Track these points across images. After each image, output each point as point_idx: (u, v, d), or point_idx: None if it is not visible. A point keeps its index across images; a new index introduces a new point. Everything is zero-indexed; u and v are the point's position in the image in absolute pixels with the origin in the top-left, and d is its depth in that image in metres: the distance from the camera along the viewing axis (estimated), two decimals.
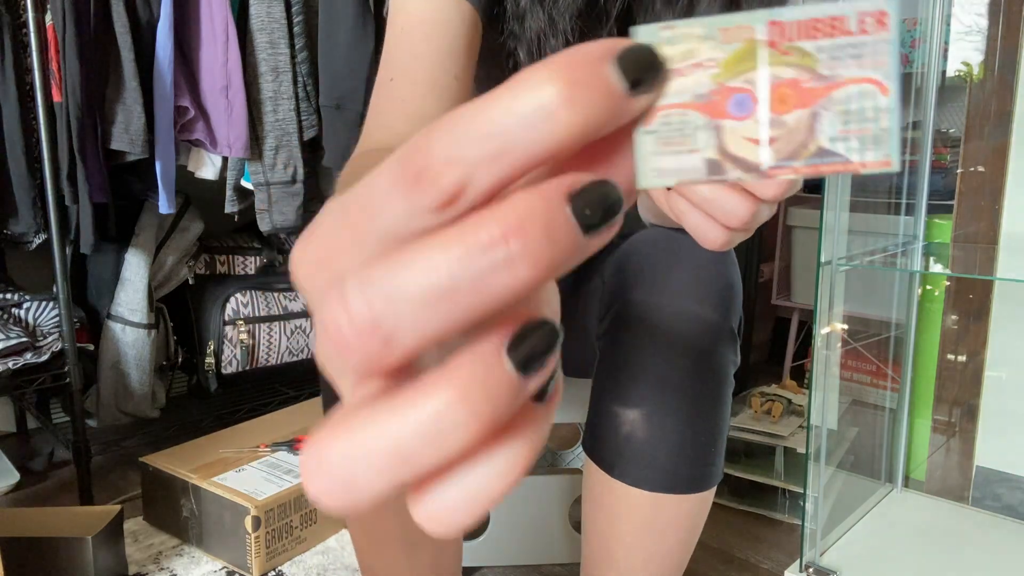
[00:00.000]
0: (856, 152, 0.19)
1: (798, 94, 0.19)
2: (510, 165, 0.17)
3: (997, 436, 1.30)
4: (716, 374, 0.63)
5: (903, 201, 1.31)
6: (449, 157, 0.17)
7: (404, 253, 0.17)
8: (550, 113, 0.17)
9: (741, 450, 1.48)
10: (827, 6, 0.19)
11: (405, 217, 0.18)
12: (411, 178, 0.17)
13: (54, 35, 1.29)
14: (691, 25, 0.19)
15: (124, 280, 1.58)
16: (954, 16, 1.33)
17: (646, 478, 0.64)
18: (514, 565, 1.23)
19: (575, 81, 0.17)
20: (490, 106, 0.17)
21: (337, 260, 0.19)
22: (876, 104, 0.19)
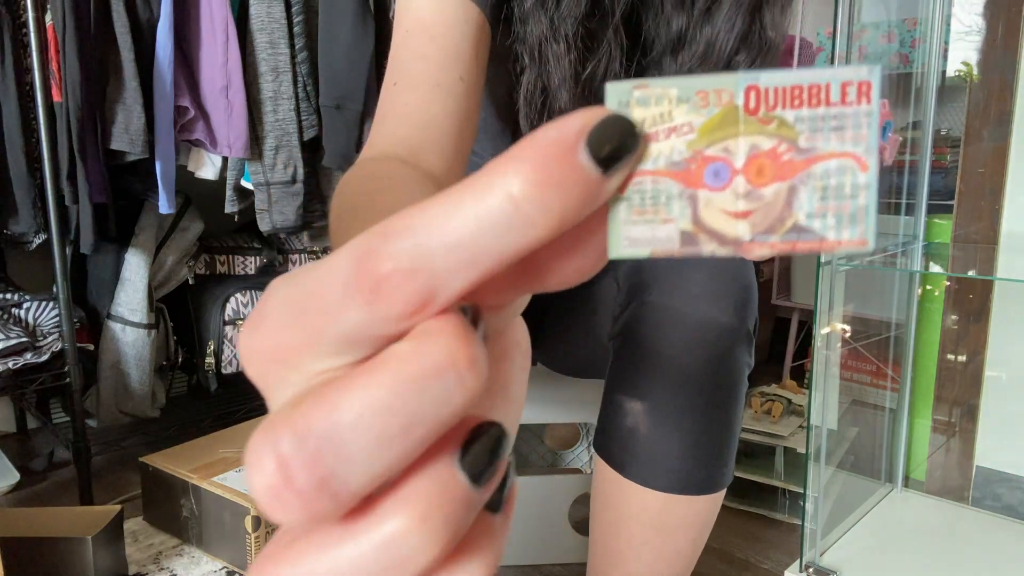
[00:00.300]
0: (833, 229, 0.19)
1: (776, 166, 0.19)
2: (480, 271, 0.16)
3: (997, 436, 1.30)
4: (731, 376, 0.63)
5: (903, 201, 1.31)
6: (412, 268, 0.16)
7: (347, 390, 0.16)
8: (521, 215, 0.16)
9: (741, 450, 1.48)
10: (809, 72, 0.18)
11: (365, 324, 0.16)
12: (369, 288, 0.16)
13: (54, 35, 1.29)
14: (666, 85, 0.19)
15: (124, 280, 1.58)
16: (954, 16, 1.33)
17: (657, 478, 0.64)
18: (514, 565, 1.23)
19: (545, 178, 0.16)
20: (454, 210, 0.16)
21: (291, 360, 0.17)
22: (855, 180, 0.18)
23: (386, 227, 0.16)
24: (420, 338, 0.16)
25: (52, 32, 1.29)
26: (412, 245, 0.16)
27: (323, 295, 0.16)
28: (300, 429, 0.16)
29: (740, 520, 1.40)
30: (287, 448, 0.15)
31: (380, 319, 0.16)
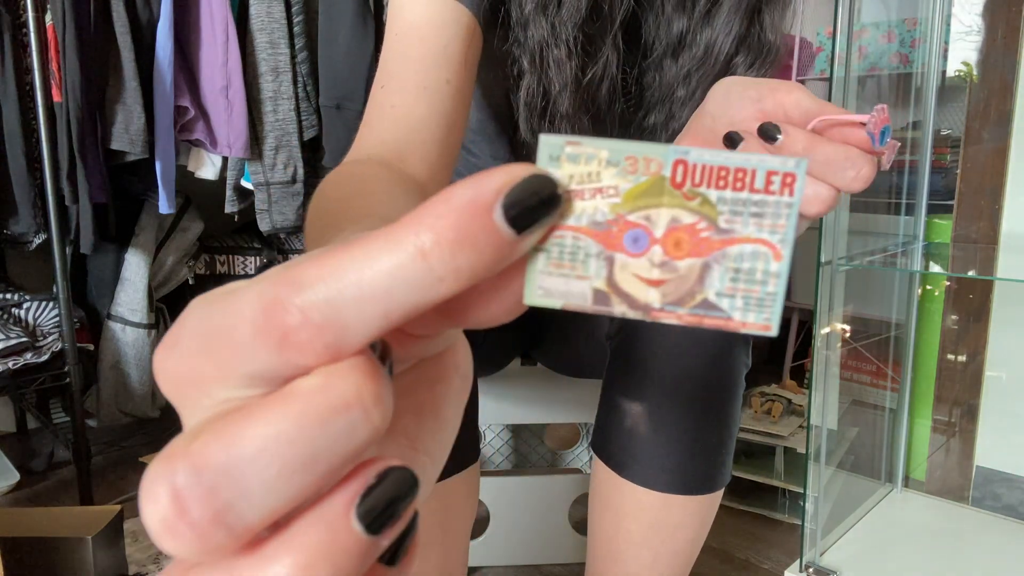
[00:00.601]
0: (739, 311, 0.19)
1: (693, 242, 0.19)
2: (390, 322, 0.16)
3: (997, 436, 1.30)
4: (728, 376, 0.63)
5: (903, 201, 1.31)
6: (320, 323, 0.16)
7: (248, 423, 0.16)
8: (431, 273, 0.16)
9: (741, 450, 1.48)
10: (737, 156, 0.19)
11: (273, 367, 0.16)
12: (277, 338, 0.16)
13: (54, 35, 1.29)
14: (598, 146, 0.19)
15: (124, 280, 1.58)
16: (954, 16, 1.33)
17: (655, 478, 0.64)
18: (514, 565, 1.23)
19: (458, 237, 0.16)
20: (365, 263, 0.16)
21: (202, 387, 0.17)
22: (767, 268, 0.19)
23: (296, 275, 0.16)
24: (326, 374, 0.16)
25: (52, 32, 1.29)
26: (322, 299, 0.16)
27: (233, 334, 0.16)
28: (197, 461, 0.15)
29: (740, 520, 1.40)
30: (182, 480, 0.15)
31: (288, 364, 0.16)
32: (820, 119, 0.40)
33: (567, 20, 0.61)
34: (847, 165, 0.38)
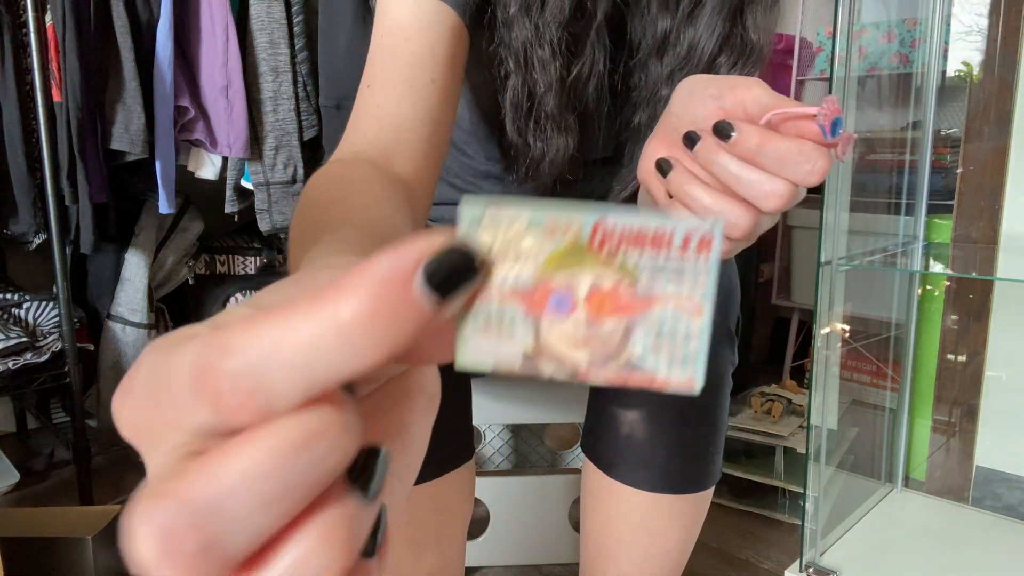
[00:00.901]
0: (663, 370, 0.20)
1: (616, 304, 0.20)
2: (319, 388, 0.17)
3: (997, 436, 1.30)
4: (714, 374, 0.63)
5: (903, 201, 1.31)
6: (249, 389, 0.17)
7: (227, 459, 0.17)
8: (351, 345, 0.17)
9: (741, 450, 1.48)
10: (656, 218, 0.19)
11: (214, 424, 0.17)
12: (211, 401, 0.17)
13: (54, 35, 1.29)
14: (520, 209, 0.20)
15: (124, 280, 1.58)
16: (954, 16, 1.33)
17: (644, 478, 0.64)
18: (514, 565, 1.23)
19: (377, 309, 0.17)
20: (289, 333, 0.17)
21: (155, 433, 0.18)
22: (688, 327, 0.20)
23: (226, 340, 0.17)
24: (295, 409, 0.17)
25: (52, 32, 1.29)
26: (249, 366, 0.17)
27: (174, 391, 0.17)
28: (182, 499, 0.16)
29: (740, 520, 1.40)
30: (170, 518, 0.16)
31: (227, 422, 0.17)
32: (774, 113, 0.40)
33: (551, 21, 0.61)
34: (801, 159, 0.38)
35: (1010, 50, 1.25)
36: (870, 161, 1.77)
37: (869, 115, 2.11)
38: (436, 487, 0.68)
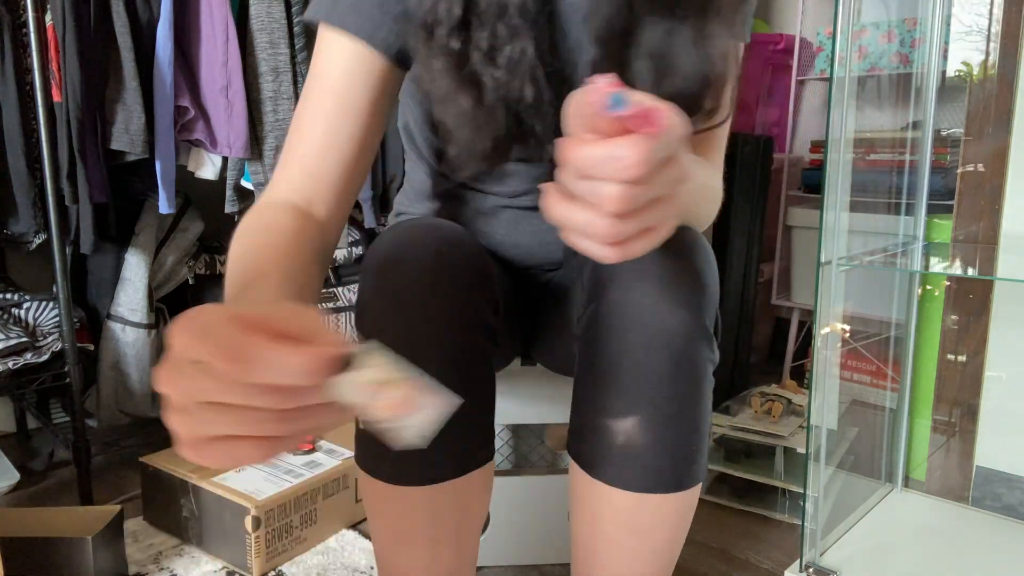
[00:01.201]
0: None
1: (399, 405, 0.39)
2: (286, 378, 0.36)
3: (997, 436, 1.30)
4: (693, 372, 0.62)
5: (903, 201, 1.31)
6: (254, 370, 0.34)
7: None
8: (302, 373, 0.35)
9: (741, 450, 1.48)
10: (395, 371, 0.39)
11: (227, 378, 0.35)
12: (233, 371, 0.35)
13: (54, 35, 1.29)
14: (384, 358, 0.39)
15: (124, 280, 1.58)
16: (954, 16, 1.33)
17: (627, 479, 0.64)
18: (514, 565, 1.23)
19: (311, 370, 0.35)
20: (282, 358, 0.35)
21: (192, 386, 0.36)
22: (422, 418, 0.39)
23: (251, 348, 0.35)
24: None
25: (52, 32, 1.29)
26: (260, 363, 0.35)
27: (213, 357, 0.35)
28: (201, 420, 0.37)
29: (740, 520, 1.40)
30: (185, 426, 0.39)
31: (239, 378, 0.36)
32: (573, 120, 0.43)
33: (460, 50, 0.64)
34: (611, 158, 0.40)
35: (1010, 50, 1.25)
36: (870, 161, 1.77)
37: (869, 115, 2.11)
38: (458, 485, 0.69)
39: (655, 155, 0.40)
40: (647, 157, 0.40)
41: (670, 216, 0.45)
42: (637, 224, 0.43)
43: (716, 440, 1.50)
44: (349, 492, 1.32)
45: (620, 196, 0.41)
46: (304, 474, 1.27)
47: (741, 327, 1.92)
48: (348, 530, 1.32)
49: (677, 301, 0.61)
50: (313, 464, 1.31)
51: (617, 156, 0.40)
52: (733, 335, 1.91)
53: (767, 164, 1.88)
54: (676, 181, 0.44)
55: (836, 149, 1.02)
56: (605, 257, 0.44)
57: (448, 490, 0.68)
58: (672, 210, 0.45)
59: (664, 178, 0.42)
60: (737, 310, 1.90)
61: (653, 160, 0.40)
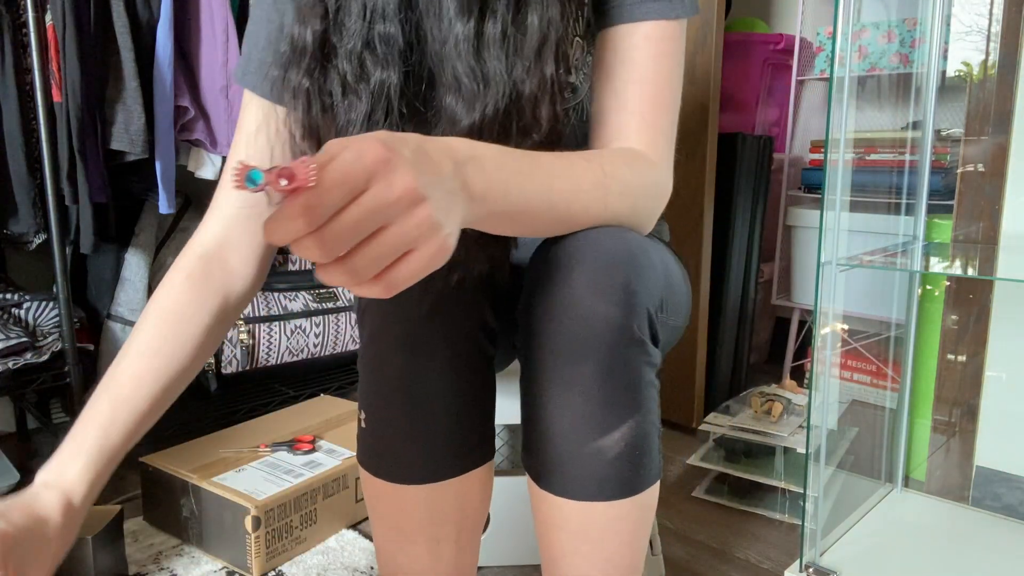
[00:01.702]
0: None
1: None
2: None
3: (997, 436, 1.30)
4: (628, 377, 0.61)
5: (903, 201, 1.31)
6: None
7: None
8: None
9: (741, 450, 1.48)
10: None
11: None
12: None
13: (54, 35, 1.29)
14: None
15: (124, 280, 1.58)
16: (954, 16, 1.33)
17: (570, 488, 0.63)
18: (514, 565, 1.23)
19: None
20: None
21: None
22: None
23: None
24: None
25: (52, 32, 1.29)
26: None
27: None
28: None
29: (740, 520, 1.40)
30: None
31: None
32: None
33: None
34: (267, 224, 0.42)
35: (1010, 50, 1.25)
36: (870, 161, 1.77)
37: (869, 115, 2.11)
38: (458, 484, 0.69)
39: (312, 205, 0.39)
40: (300, 212, 0.39)
41: (410, 241, 0.43)
42: (364, 262, 0.42)
43: (716, 440, 1.50)
44: (349, 492, 1.32)
45: (304, 251, 0.41)
46: (304, 474, 1.27)
47: (741, 327, 1.92)
48: (348, 530, 1.32)
49: (602, 305, 0.59)
50: (313, 464, 1.31)
51: (285, 218, 0.40)
52: (733, 335, 1.91)
53: (767, 164, 1.88)
54: (377, 212, 0.41)
55: (836, 149, 1.02)
56: (365, 294, 0.44)
57: (448, 489, 0.68)
58: (412, 233, 0.42)
59: (358, 215, 0.40)
60: (737, 310, 1.90)
61: (314, 211, 0.39)
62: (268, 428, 1.45)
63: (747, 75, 2.18)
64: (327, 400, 1.64)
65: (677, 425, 1.87)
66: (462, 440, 0.68)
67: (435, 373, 0.65)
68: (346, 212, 0.40)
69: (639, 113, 0.67)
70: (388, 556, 0.74)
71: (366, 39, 0.66)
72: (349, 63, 0.67)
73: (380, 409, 0.67)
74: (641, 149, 0.67)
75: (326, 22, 0.67)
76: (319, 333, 1.78)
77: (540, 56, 0.63)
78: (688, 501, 1.47)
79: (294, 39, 0.68)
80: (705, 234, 1.76)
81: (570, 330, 0.60)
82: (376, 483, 0.69)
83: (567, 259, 0.61)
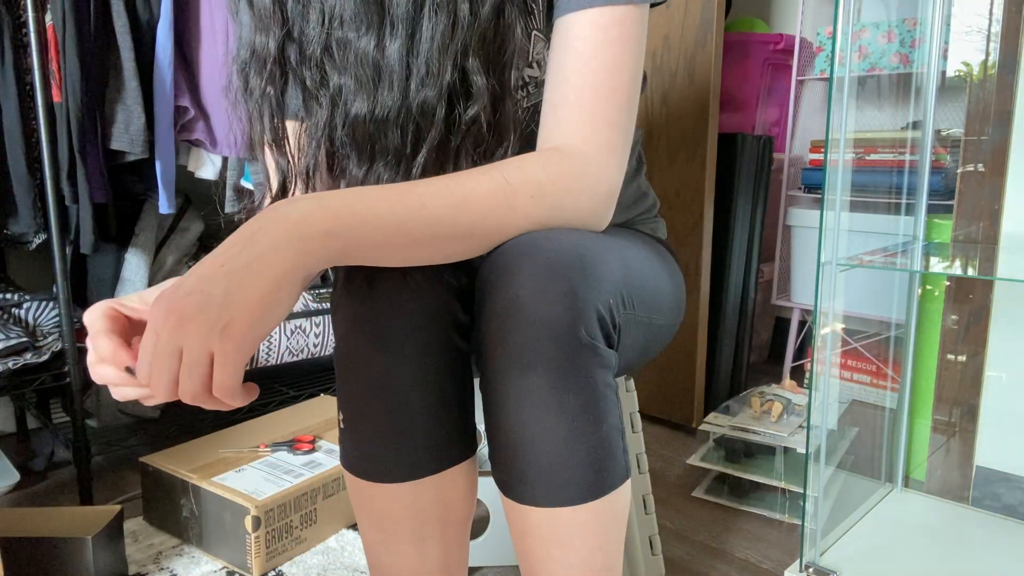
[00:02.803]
0: None
1: None
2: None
3: (997, 436, 1.30)
4: (578, 381, 0.60)
5: (903, 201, 1.31)
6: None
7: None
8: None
9: (741, 450, 1.48)
10: None
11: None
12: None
13: (54, 35, 1.29)
14: None
15: (124, 280, 1.58)
16: (954, 16, 1.33)
17: (533, 496, 0.62)
18: (514, 565, 1.23)
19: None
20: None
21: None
22: None
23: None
24: None
25: (52, 32, 1.29)
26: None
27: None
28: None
29: (740, 520, 1.40)
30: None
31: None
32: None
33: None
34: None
35: (1010, 50, 1.25)
36: (870, 161, 1.77)
37: (869, 115, 2.11)
38: (440, 481, 0.69)
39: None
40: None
41: (200, 349, 0.52)
42: (187, 384, 0.53)
43: (716, 440, 1.50)
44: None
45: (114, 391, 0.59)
46: (304, 474, 1.27)
47: (741, 327, 1.92)
48: (348, 530, 1.32)
49: (547, 313, 0.58)
50: (313, 464, 1.31)
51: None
52: (733, 335, 1.91)
53: (767, 164, 1.88)
54: (162, 345, 0.53)
55: (836, 149, 1.02)
56: (217, 406, 0.55)
57: (429, 486, 0.68)
58: (193, 341, 0.52)
59: (153, 352, 0.53)
60: (737, 310, 1.90)
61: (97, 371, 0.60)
62: (268, 428, 1.45)
63: (747, 75, 2.18)
64: (327, 400, 1.64)
65: (677, 425, 1.87)
66: (441, 437, 0.68)
67: (408, 370, 0.65)
68: (147, 365, 0.54)
69: (578, 104, 0.65)
70: (376, 556, 0.74)
71: (325, 45, 0.68)
72: (309, 70, 0.69)
73: (356, 409, 0.67)
74: (574, 143, 0.65)
75: (285, 29, 0.69)
76: (319, 333, 1.78)
77: (465, 54, 0.66)
78: (688, 501, 1.47)
79: (255, 47, 0.69)
80: (705, 234, 1.76)
81: (516, 337, 0.59)
82: (358, 483, 0.69)
83: (511, 263, 0.60)
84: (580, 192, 0.64)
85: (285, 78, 0.71)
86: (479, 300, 0.63)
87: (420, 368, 0.65)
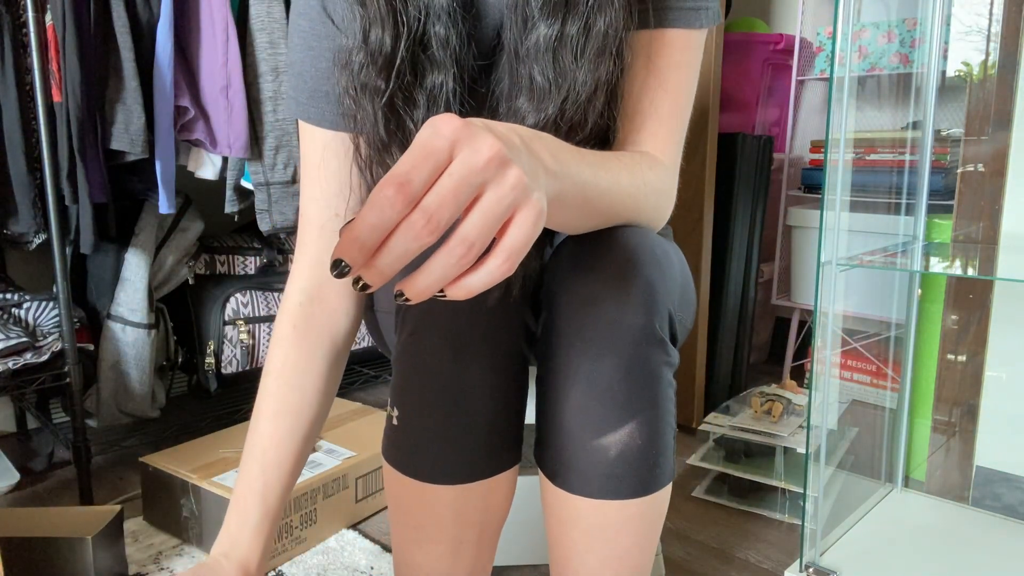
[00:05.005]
0: None
1: None
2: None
3: (997, 436, 1.30)
4: (647, 376, 0.61)
5: (903, 201, 1.31)
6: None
7: None
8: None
9: (741, 450, 1.48)
10: None
11: None
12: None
13: (54, 35, 1.29)
14: None
15: (124, 280, 1.58)
16: (954, 16, 1.33)
17: (587, 487, 0.63)
18: (514, 565, 1.23)
19: None
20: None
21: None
22: None
23: None
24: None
25: (52, 32, 1.29)
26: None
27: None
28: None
29: (740, 520, 1.40)
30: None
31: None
32: None
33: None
34: None
35: (1010, 50, 1.25)
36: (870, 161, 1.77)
37: (869, 115, 2.11)
38: (486, 487, 0.69)
39: (404, 183, 0.38)
40: (394, 190, 0.38)
41: (508, 204, 0.41)
42: (475, 231, 0.40)
43: (716, 440, 1.50)
44: (349, 492, 1.32)
45: (409, 230, 0.39)
46: (304, 474, 1.27)
47: (741, 327, 1.92)
48: (348, 530, 1.32)
49: (623, 305, 0.60)
50: (313, 464, 1.31)
51: (378, 206, 0.39)
52: (733, 335, 1.91)
53: (767, 164, 1.88)
54: (470, 176, 0.39)
55: (836, 149, 1.02)
56: (492, 279, 0.41)
57: (475, 491, 0.68)
58: (509, 196, 0.41)
59: (451, 183, 0.39)
60: (737, 310, 1.90)
61: (407, 187, 0.38)
62: None
63: (747, 75, 2.18)
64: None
65: (677, 425, 1.87)
66: (495, 443, 0.68)
67: (477, 374, 0.65)
68: (439, 184, 0.39)
69: (656, 118, 0.69)
70: (406, 554, 0.73)
71: (421, 42, 0.67)
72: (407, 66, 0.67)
73: (416, 406, 0.67)
74: (655, 154, 0.69)
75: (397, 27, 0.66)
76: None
77: (601, 57, 0.65)
78: (688, 501, 1.47)
79: (371, 45, 0.65)
80: (705, 234, 1.76)
81: (593, 328, 0.60)
82: (402, 480, 0.69)
83: (591, 257, 0.61)
84: (669, 199, 0.70)
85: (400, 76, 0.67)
86: (551, 291, 0.64)
87: (488, 374, 0.65)
